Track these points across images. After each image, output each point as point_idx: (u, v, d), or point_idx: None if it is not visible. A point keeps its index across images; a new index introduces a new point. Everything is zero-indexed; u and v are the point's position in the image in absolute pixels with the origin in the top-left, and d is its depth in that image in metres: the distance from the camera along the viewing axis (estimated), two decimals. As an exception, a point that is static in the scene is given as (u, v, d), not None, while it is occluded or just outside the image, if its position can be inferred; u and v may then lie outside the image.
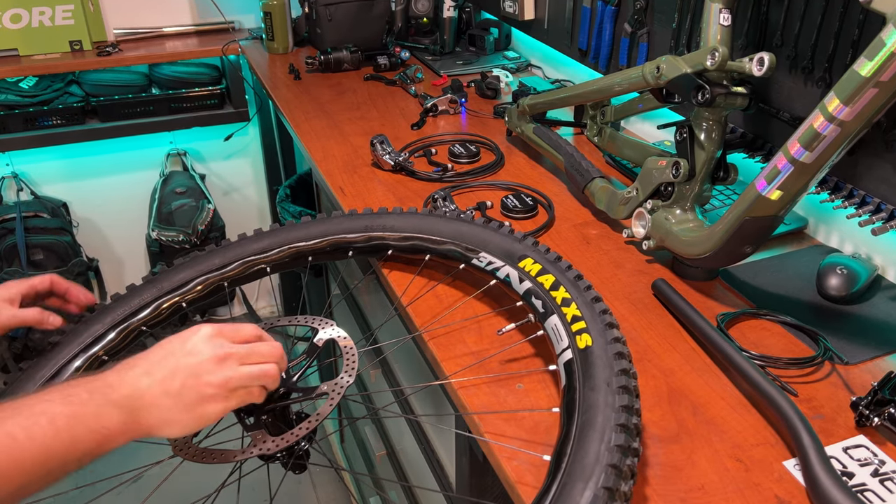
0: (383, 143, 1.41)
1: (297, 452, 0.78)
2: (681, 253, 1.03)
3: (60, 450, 0.59)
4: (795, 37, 1.09)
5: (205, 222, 2.46)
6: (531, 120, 1.47)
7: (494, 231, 0.97)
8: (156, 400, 0.66)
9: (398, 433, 1.50)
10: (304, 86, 1.92)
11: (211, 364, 0.68)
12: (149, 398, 0.65)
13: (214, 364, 0.69)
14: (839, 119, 0.78)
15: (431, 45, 2.13)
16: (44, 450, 0.58)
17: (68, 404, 0.61)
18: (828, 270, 1.02)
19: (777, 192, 0.87)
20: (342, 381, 0.82)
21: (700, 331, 0.92)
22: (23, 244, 2.28)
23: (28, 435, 0.58)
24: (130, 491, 0.85)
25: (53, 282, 0.93)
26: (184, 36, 2.42)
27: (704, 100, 0.99)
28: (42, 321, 0.88)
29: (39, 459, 0.58)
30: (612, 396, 0.67)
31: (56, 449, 0.59)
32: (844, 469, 0.75)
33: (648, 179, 1.10)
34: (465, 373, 0.88)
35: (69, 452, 0.60)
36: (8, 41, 2.16)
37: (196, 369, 0.68)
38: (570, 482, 0.61)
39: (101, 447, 0.62)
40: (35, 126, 2.24)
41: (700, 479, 0.74)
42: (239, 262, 1.02)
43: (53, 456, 0.59)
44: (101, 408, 0.62)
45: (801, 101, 1.11)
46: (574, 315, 0.78)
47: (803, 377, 0.88)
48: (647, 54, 1.43)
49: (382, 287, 1.17)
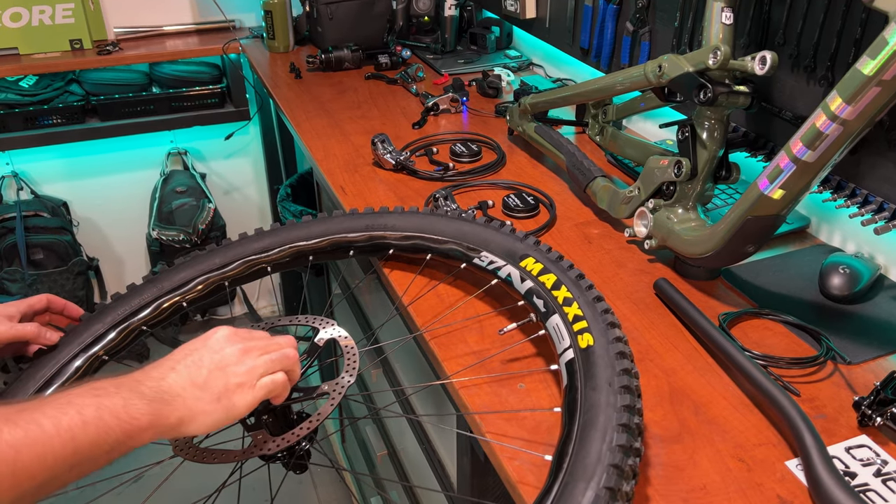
0: (384, 142, 1.41)
1: (297, 452, 0.78)
2: (683, 252, 1.03)
3: (87, 442, 0.57)
4: (798, 35, 1.09)
5: (205, 221, 2.46)
6: (533, 119, 1.47)
7: (496, 230, 0.97)
8: (183, 392, 0.66)
9: (399, 433, 1.50)
10: (305, 85, 1.92)
11: (235, 356, 0.70)
12: (177, 390, 0.66)
13: (238, 356, 0.70)
14: (841, 118, 0.78)
15: (433, 44, 2.13)
16: (71, 439, 0.56)
17: (95, 396, 0.60)
18: (830, 270, 1.01)
19: (779, 191, 0.87)
20: (343, 381, 0.82)
21: (702, 330, 0.92)
22: (23, 243, 2.28)
23: (55, 424, 0.56)
24: (131, 491, 0.85)
25: (50, 300, 0.93)
26: (184, 34, 2.42)
27: (706, 99, 0.98)
28: (39, 335, 0.88)
29: (67, 451, 0.56)
30: (614, 396, 0.67)
31: (83, 441, 0.57)
32: (847, 469, 0.75)
33: (650, 178, 1.10)
34: (467, 372, 0.88)
35: (96, 445, 0.58)
36: (8, 40, 2.16)
37: (221, 362, 0.69)
38: (571, 482, 0.61)
39: (129, 440, 0.60)
40: (35, 125, 2.24)
41: (702, 479, 0.74)
42: (240, 262, 1.02)
43: (81, 447, 0.57)
44: (128, 399, 0.61)
45: (804, 99, 1.10)
46: (576, 314, 0.78)
47: (806, 377, 0.88)
48: (649, 53, 1.43)
49: (383, 286, 1.17)
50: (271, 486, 0.78)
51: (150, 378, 0.66)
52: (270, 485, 0.78)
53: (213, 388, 0.67)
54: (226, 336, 0.72)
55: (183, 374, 0.67)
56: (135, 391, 0.63)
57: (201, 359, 0.69)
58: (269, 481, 0.78)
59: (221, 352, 0.70)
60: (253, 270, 1.03)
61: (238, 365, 0.69)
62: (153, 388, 0.64)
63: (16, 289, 2.28)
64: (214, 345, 0.71)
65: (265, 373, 0.71)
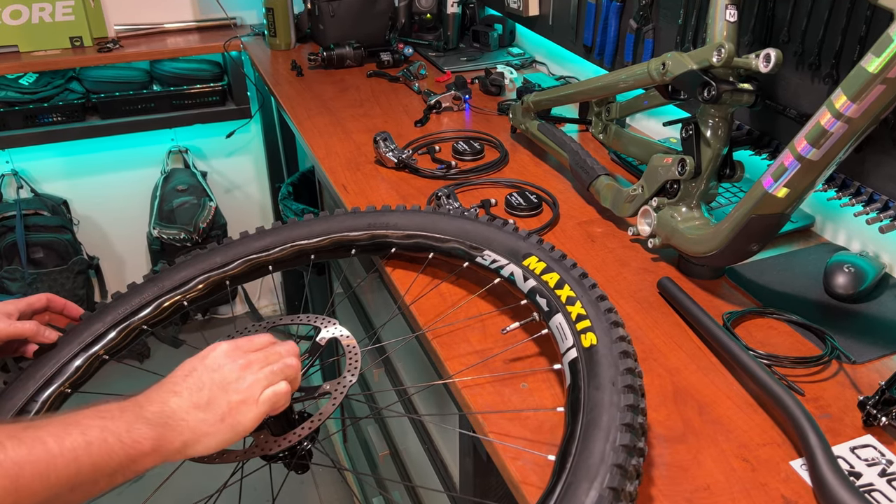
0: (386, 141, 1.40)
1: (299, 452, 0.78)
2: (687, 251, 1.03)
3: (90, 463, 0.57)
4: (802, 33, 1.09)
5: (206, 220, 2.46)
6: (536, 117, 1.46)
7: (499, 229, 0.97)
8: (186, 416, 0.65)
9: (401, 433, 1.50)
10: (307, 82, 1.92)
11: (235, 373, 0.69)
12: (180, 414, 0.65)
13: (238, 372, 0.69)
14: (846, 116, 0.78)
15: (435, 42, 2.12)
16: (74, 460, 0.56)
17: (100, 418, 0.60)
18: (835, 269, 1.01)
19: (784, 189, 0.87)
20: (345, 381, 0.82)
21: (706, 329, 0.92)
22: (23, 242, 2.28)
23: (59, 443, 0.56)
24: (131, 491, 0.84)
25: (49, 299, 0.93)
26: (185, 32, 2.41)
27: (710, 96, 0.98)
28: (38, 333, 0.88)
29: (69, 471, 0.56)
30: (618, 396, 0.67)
31: (86, 462, 0.57)
32: (852, 469, 0.74)
33: (654, 177, 1.10)
34: (469, 372, 0.88)
35: (99, 467, 0.58)
36: (8, 37, 2.15)
37: (222, 381, 0.68)
38: (574, 482, 0.61)
39: (132, 464, 0.60)
40: (35, 123, 2.24)
41: (706, 479, 0.74)
42: (241, 261, 1.01)
43: (83, 468, 0.57)
44: (132, 423, 0.61)
45: (808, 97, 1.10)
46: (579, 314, 0.78)
47: (810, 376, 0.88)
48: (653, 51, 1.43)
49: (385, 285, 1.17)
50: (273, 486, 0.78)
51: (152, 402, 0.65)
52: (272, 485, 0.78)
53: (217, 409, 0.67)
54: (224, 352, 0.71)
55: (185, 398, 0.66)
56: (139, 416, 0.63)
57: (201, 379, 0.68)
58: (271, 481, 0.77)
59: (221, 370, 0.69)
60: (254, 269, 1.02)
61: (239, 382, 0.69)
62: (156, 413, 0.64)
63: (15, 288, 2.28)
64: (213, 363, 0.70)
65: (267, 385, 0.70)
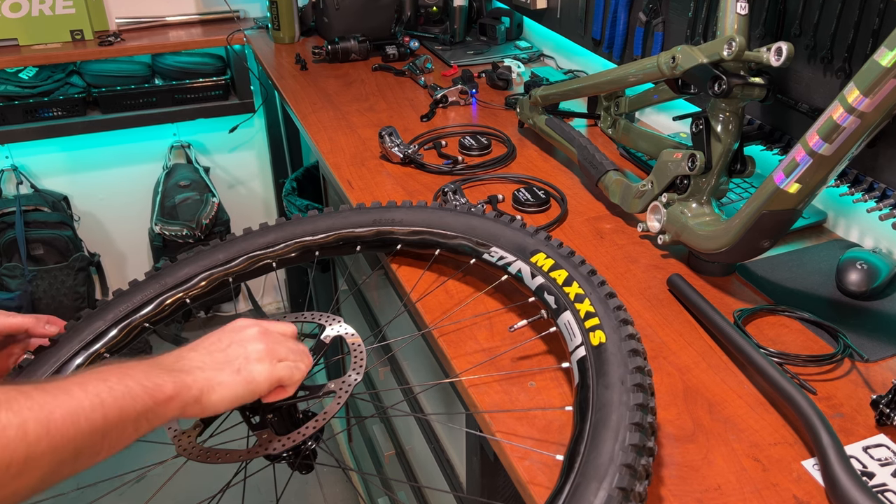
0: (392, 135, 1.40)
1: (303, 452, 0.77)
2: (697, 248, 1.02)
3: (116, 408, 0.57)
4: (814, 26, 1.08)
5: (209, 216, 2.45)
6: (543, 111, 1.46)
7: (506, 225, 0.96)
8: (203, 364, 0.67)
9: (407, 432, 1.50)
10: (311, 76, 1.91)
11: (256, 337, 0.71)
12: (196, 363, 0.67)
13: (259, 336, 0.71)
14: (859, 110, 0.78)
15: (441, 35, 2.11)
16: (100, 404, 0.56)
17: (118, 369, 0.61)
18: (847, 265, 1.01)
19: (795, 185, 0.86)
20: (350, 379, 0.81)
21: (717, 327, 0.91)
22: (23, 239, 2.28)
23: (82, 388, 0.56)
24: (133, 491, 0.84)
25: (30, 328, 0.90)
26: (188, 25, 2.40)
27: (721, 91, 0.97)
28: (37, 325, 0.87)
29: (97, 415, 0.55)
30: (627, 394, 0.67)
31: (112, 406, 0.57)
32: (864, 469, 0.74)
33: (664, 172, 1.09)
34: (476, 370, 0.87)
35: (125, 412, 0.58)
36: (7, 31, 2.14)
37: (241, 339, 0.70)
38: (583, 482, 0.60)
39: (156, 407, 0.60)
40: (35, 118, 2.23)
41: (716, 479, 0.73)
42: (244, 258, 1.01)
43: (110, 413, 0.56)
44: (150, 370, 0.62)
45: (820, 91, 1.10)
46: (587, 311, 0.78)
47: (822, 375, 0.87)
48: (663, 44, 1.42)
49: (391, 282, 1.16)
50: (276, 486, 0.77)
51: (167, 357, 0.67)
52: (276, 485, 0.77)
53: (233, 360, 0.68)
54: (246, 321, 0.73)
55: (202, 352, 0.69)
56: (155, 364, 0.65)
57: (220, 339, 0.71)
58: (275, 481, 0.77)
59: (242, 331, 0.71)
60: (258, 266, 1.02)
61: (259, 343, 0.70)
62: (172, 364, 0.66)
63: (15, 285, 2.27)
64: (234, 326, 0.73)
65: (285, 357, 0.72)
